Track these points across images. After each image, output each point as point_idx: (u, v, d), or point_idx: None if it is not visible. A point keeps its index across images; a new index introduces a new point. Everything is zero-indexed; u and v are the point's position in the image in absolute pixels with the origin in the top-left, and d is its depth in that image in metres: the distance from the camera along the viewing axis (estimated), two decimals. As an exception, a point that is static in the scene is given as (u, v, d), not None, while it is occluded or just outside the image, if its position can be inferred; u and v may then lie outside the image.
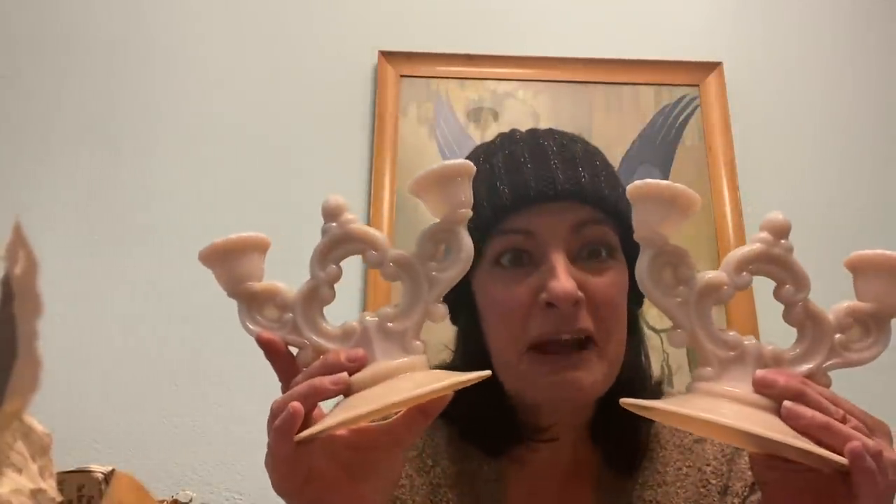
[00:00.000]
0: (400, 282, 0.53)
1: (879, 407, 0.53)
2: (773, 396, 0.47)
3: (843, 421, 0.46)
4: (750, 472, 0.68)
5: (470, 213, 0.52)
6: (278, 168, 1.54)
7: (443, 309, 0.52)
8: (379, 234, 0.52)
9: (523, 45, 1.63)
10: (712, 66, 1.63)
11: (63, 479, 0.81)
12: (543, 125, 1.56)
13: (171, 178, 1.52)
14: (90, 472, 0.83)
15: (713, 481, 0.69)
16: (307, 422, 0.48)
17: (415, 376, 0.50)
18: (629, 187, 0.50)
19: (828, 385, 0.49)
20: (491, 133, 1.56)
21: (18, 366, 0.26)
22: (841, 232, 1.55)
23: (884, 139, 1.64)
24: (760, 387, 0.47)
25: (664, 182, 0.49)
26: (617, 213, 0.65)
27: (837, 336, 0.50)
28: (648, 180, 0.49)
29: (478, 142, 1.55)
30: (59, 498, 0.30)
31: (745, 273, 0.50)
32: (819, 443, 0.44)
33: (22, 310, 0.26)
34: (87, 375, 1.38)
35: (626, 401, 0.52)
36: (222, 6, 1.65)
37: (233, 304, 0.53)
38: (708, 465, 0.70)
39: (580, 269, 0.62)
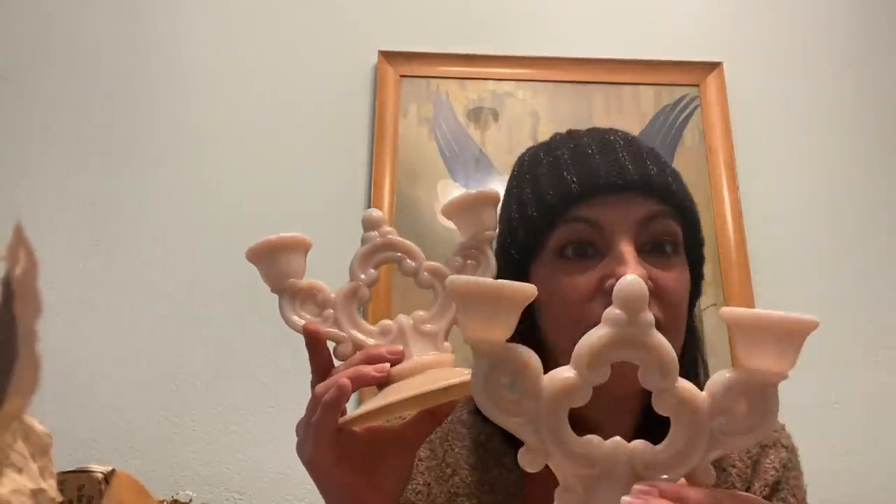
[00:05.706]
0: (431, 289, 0.58)
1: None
2: None
3: None
4: (771, 473, 0.68)
5: (494, 234, 0.59)
6: (279, 168, 1.54)
7: None
8: (416, 247, 0.58)
9: (523, 45, 1.63)
10: (712, 66, 1.62)
11: (63, 479, 0.81)
12: (543, 125, 1.57)
13: (171, 178, 1.52)
14: (90, 472, 0.83)
15: (738, 485, 0.68)
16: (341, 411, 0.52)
17: (452, 370, 0.54)
18: (449, 282, 0.42)
19: (711, 481, 0.43)
20: (491, 133, 1.56)
21: (18, 366, 0.26)
22: (842, 233, 1.55)
23: (884, 139, 1.63)
24: None
25: (487, 281, 0.42)
26: (683, 209, 0.64)
27: (719, 419, 0.42)
28: (476, 279, 0.42)
29: (478, 141, 1.56)
30: (60, 498, 0.30)
31: (601, 368, 0.42)
32: None
33: (22, 310, 0.26)
34: (87, 375, 1.38)
35: None
36: (222, 7, 1.65)
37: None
38: (733, 466, 0.69)
39: (647, 262, 0.61)
